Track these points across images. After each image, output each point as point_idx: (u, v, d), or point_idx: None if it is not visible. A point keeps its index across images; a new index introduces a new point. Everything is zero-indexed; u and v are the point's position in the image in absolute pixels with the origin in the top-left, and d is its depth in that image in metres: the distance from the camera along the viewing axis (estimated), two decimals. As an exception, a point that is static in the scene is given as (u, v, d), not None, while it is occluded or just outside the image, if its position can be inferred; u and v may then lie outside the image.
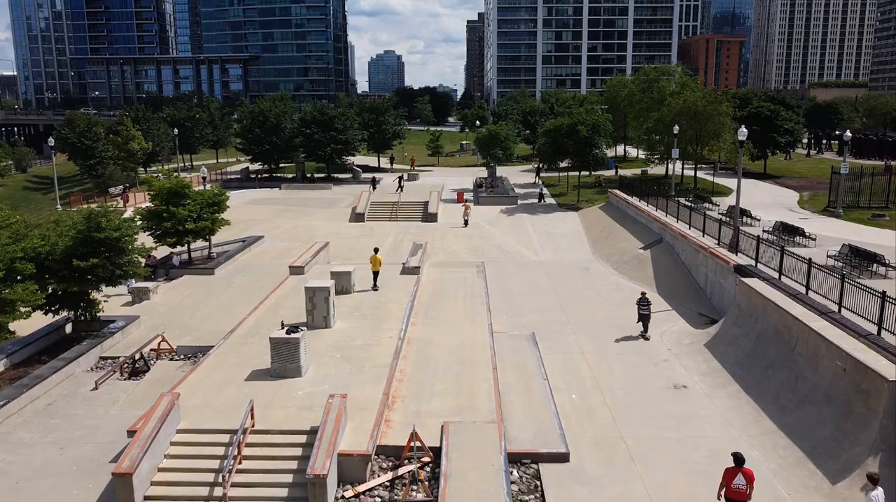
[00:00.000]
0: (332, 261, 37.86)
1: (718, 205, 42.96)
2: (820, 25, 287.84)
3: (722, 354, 21.99)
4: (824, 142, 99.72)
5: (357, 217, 51.26)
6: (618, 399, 19.74)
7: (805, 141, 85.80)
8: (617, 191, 48.38)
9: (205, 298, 31.01)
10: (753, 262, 25.48)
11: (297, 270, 32.45)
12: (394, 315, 25.73)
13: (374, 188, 60.04)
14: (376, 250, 30.22)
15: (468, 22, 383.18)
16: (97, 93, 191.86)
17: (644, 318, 24.39)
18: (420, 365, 21.35)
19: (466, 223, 47.33)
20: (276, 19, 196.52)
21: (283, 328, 19.98)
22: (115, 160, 59.04)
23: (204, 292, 32.01)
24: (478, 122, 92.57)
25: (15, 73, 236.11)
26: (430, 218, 50.58)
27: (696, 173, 55.17)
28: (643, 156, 78.69)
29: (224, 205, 37.22)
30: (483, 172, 69.04)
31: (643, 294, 25.02)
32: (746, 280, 23.46)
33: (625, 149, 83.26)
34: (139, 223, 37.17)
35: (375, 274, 29.35)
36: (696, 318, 27.03)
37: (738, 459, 13.32)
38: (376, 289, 28.88)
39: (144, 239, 32.32)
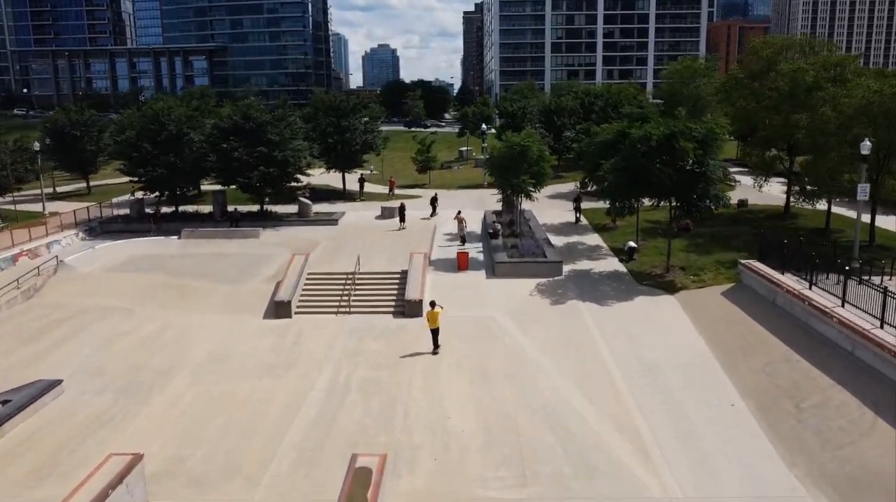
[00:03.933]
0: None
1: None
2: (846, 11, 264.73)
3: None
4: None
5: (278, 309, 28.24)
6: None
7: None
8: (759, 267, 25.74)
9: None
10: None
11: None
12: None
13: (403, 222, 41.42)
14: (433, 304, 22.82)
15: (465, 13, 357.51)
16: (27, 90, 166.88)
17: None
18: None
19: (463, 241, 37.10)
20: (245, 4, 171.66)
21: None
22: None
23: None
24: (483, 125, 69.02)
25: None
26: (409, 308, 27.81)
27: (873, 220, 32.02)
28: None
29: None
30: (492, 199, 46.05)
31: None
32: None
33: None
34: None
35: (434, 332, 22.57)
36: None
37: None
38: (436, 353, 22.35)
39: None
